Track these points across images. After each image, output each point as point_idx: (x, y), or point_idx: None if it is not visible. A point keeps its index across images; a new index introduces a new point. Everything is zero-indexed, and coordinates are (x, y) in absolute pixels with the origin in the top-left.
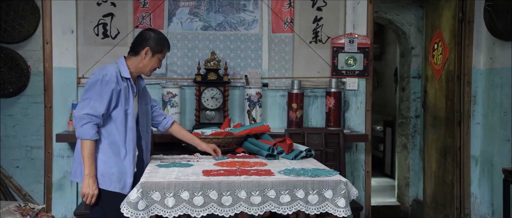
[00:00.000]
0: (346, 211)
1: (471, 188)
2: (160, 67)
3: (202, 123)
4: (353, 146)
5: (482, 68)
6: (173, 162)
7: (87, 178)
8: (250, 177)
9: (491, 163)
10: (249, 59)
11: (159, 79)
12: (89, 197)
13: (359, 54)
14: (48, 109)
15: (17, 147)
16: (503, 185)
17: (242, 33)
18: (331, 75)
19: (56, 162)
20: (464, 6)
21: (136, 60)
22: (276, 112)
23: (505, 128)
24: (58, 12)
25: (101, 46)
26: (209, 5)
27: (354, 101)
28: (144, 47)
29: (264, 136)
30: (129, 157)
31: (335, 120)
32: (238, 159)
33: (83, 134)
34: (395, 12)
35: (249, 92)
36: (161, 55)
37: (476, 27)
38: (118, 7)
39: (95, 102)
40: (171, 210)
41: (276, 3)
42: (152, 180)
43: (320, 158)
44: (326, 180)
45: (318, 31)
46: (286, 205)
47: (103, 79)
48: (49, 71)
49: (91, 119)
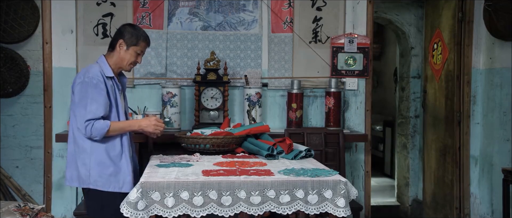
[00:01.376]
0: (346, 211)
1: (471, 188)
2: (139, 62)
3: (202, 123)
4: (352, 146)
5: (482, 68)
6: (173, 162)
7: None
8: (250, 177)
9: (491, 163)
10: (248, 59)
11: (159, 79)
12: (158, 126)
13: (358, 54)
14: (48, 109)
15: (17, 147)
16: (503, 185)
17: (241, 33)
18: (331, 75)
19: (55, 162)
20: (464, 6)
21: (114, 55)
22: (276, 112)
23: (505, 128)
24: (58, 12)
25: (100, 46)
26: (209, 5)
27: (354, 101)
28: (118, 40)
29: (263, 136)
30: (125, 155)
31: (335, 120)
32: (237, 159)
33: (99, 132)
34: (394, 12)
35: (248, 92)
36: (137, 48)
37: (476, 27)
38: (118, 7)
39: (91, 105)
40: (171, 210)
41: (275, 3)
42: (151, 180)
43: (319, 158)
44: (326, 180)
45: (317, 31)
46: (285, 205)
47: (91, 82)
48: (49, 71)
49: (94, 120)
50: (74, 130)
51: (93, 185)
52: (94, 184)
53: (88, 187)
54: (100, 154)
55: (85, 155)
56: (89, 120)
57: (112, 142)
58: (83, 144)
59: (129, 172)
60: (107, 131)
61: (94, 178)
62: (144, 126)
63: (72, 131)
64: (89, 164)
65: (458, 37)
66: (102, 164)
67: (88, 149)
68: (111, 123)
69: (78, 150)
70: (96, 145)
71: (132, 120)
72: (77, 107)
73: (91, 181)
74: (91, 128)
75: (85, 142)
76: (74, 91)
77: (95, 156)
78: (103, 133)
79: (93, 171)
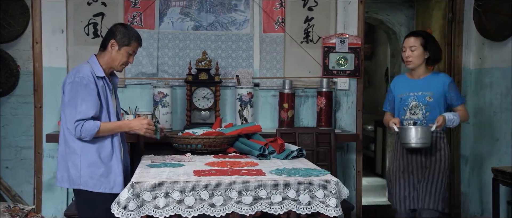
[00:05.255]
0: (337, 211)
1: (461, 187)
2: (131, 62)
3: (193, 123)
4: (344, 146)
5: (472, 68)
6: (164, 162)
7: (127, 127)
8: (241, 177)
9: (481, 162)
10: (240, 59)
11: (150, 79)
12: (149, 129)
13: (350, 54)
14: (38, 109)
15: (7, 147)
16: (493, 184)
17: (233, 33)
18: (322, 75)
19: (46, 163)
20: (454, 7)
21: (105, 55)
22: (268, 112)
23: (495, 128)
24: (48, 12)
25: (91, 45)
26: (200, 5)
27: (345, 101)
28: (110, 40)
29: (255, 136)
30: (116, 155)
31: (326, 120)
32: (229, 159)
33: (88, 133)
34: (385, 13)
35: (240, 92)
36: (129, 48)
37: (466, 27)
38: (109, 6)
39: (81, 106)
40: (162, 210)
41: (267, 3)
42: (143, 180)
43: (311, 158)
44: (317, 180)
45: (309, 31)
46: (277, 205)
47: (81, 82)
48: (39, 71)
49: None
50: (65, 130)
51: (84, 185)
52: (84, 185)
53: (78, 188)
54: (91, 154)
55: (75, 155)
56: (79, 121)
57: (103, 142)
58: (74, 145)
59: (120, 172)
60: (97, 132)
61: (85, 178)
62: (136, 129)
63: (63, 132)
64: (80, 164)
65: (448, 37)
66: (93, 165)
67: (78, 149)
68: (101, 124)
69: (68, 151)
70: (87, 146)
71: (122, 121)
72: (67, 107)
73: (81, 181)
74: (80, 128)
75: (75, 143)
76: (65, 91)
77: (85, 157)
78: (93, 133)
79: (83, 171)
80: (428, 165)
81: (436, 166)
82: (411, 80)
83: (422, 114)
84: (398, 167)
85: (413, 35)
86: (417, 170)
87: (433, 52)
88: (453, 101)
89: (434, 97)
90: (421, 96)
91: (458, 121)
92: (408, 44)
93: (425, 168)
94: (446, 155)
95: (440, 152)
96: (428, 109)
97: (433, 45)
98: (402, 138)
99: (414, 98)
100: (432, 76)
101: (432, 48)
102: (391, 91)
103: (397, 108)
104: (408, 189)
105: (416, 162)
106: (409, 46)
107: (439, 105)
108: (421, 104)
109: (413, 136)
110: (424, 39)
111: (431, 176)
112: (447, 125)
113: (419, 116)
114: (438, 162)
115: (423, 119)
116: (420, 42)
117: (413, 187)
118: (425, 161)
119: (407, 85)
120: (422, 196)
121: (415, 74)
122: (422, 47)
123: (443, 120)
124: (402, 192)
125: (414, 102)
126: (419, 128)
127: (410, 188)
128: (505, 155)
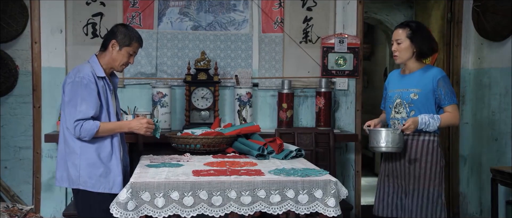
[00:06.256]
0: (336, 211)
1: (460, 187)
2: (132, 63)
3: (192, 123)
4: (343, 146)
5: (471, 68)
6: (163, 162)
7: (127, 127)
8: (240, 177)
9: (480, 162)
10: (239, 59)
11: (149, 79)
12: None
13: (349, 54)
14: (37, 109)
15: (5, 147)
16: (491, 184)
17: (232, 33)
18: (321, 75)
19: (44, 163)
20: (453, 7)
21: (106, 55)
22: (266, 112)
23: (493, 128)
24: (47, 12)
25: (90, 45)
26: (199, 5)
27: (344, 101)
28: (111, 40)
29: (254, 136)
30: (116, 155)
31: (325, 120)
32: (228, 159)
33: (88, 132)
34: (384, 13)
35: (239, 92)
36: (130, 49)
37: (465, 27)
38: (108, 6)
39: (81, 106)
40: (161, 211)
41: (266, 3)
42: (141, 180)
43: (310, 158)
44: (316, 180)
45: (308, 31)
46: (276, 205)
47: (81, 82)
48: (38, 71)
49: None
50: (65, 130)
51: (83, 185)
52: (84, 185)
53: (78, 187)
54: (90, 154)
55: (75, 155)
56: (79, 120)
57: (103, 142)
58: (73, 145)
59: (119, 173)
60: (96, 132)
61: (84, 178)
62: (136, 129)
63: (63, 131)
64: (79, 164)
65: (447, 37)
66: (92, 165)
67: (78, 149)
68: (100, 124)
69: (68, 151)
70: (86, 146)
71: (122, 121)
72: (67, 106)
73: (81, 181)
74: (80, 128)
75: (75, 143)
76: (65, 91)
77: (85, 157)
78: (92, 133)
79: (83, 171)
80: (417, 174)
81: (426, 174)
82: (402, 75)
83: (406, 113)
84: (384, 171)
85: (401, 27)
86: (404, 177)
87: (419, 45)
88: (440, 100)
89: (421, 94)
90: (405, 93)
91: (437, 125)
92: (394, 37)
93: (414, 178)
94: (438, 160)
95: (431, 157)
96: (413, 108)
97: (419, 37)
98: (370, 141)
99: (398, 95)
100: (423, 71)
101: (417, 41)
102: (385, 88)
103: (386, 107)
104: (391, 195)
105: (402, 168)
106: (395, 39)
107: (427, 103)
108: (404, 102)
109: (382, 140)
110: (411, 30)
111: (422, 187)
112: (421, 128)
113: (403, 115)
114: (429, 170)
115: (407, 119)
116: (406, 34)
117: (396, 195)
118: (414, 169)
119: (397, 81)
120: (415, 209)
121: (407, 69)
122: (409, 40)
123: (412, 122)
124: (384, 197)
125: (398, 100)
126: (388, 131)
127: (394, 195)
128: (503, 155)
